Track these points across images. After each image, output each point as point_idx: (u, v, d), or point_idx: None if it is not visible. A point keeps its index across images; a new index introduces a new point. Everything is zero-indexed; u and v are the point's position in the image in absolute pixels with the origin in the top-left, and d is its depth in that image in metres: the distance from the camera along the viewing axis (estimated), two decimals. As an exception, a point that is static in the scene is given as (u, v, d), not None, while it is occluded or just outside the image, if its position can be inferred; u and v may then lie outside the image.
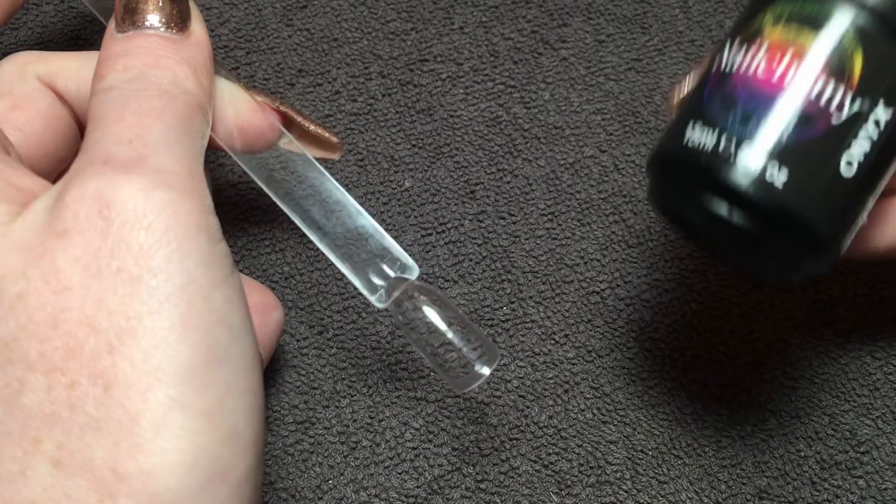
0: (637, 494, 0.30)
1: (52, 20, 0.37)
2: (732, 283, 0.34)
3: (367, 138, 0.35)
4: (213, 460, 0.19)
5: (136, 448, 0.18)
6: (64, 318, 0.18)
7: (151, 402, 0.18)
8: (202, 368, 0.19)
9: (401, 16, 0.38)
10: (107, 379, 0.18)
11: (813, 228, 0.21)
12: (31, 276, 0.19)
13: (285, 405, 0.31)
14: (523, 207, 0.34)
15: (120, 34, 0.22)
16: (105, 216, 0.19)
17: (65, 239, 0.19)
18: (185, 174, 0.20)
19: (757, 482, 0.30)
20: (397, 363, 0.31)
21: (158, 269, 0.19)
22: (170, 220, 0.19)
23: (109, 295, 0.18)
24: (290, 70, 0.37)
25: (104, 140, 0.20)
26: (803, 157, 0.20)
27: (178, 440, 0.18)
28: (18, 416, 0.18)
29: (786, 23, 0.21)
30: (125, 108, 0.21)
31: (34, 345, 0.18)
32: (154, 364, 0.18)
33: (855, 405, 0.32)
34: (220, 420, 0.19)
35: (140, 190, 0.19)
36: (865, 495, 0.30)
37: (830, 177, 0.21)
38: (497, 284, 0.33)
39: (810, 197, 0.21)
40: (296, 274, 0.33)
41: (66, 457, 0.18)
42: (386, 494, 0.30)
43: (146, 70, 0.22)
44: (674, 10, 0.39)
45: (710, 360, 0.32)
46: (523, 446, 0.31)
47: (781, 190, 0.20)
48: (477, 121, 0.36)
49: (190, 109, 0.22)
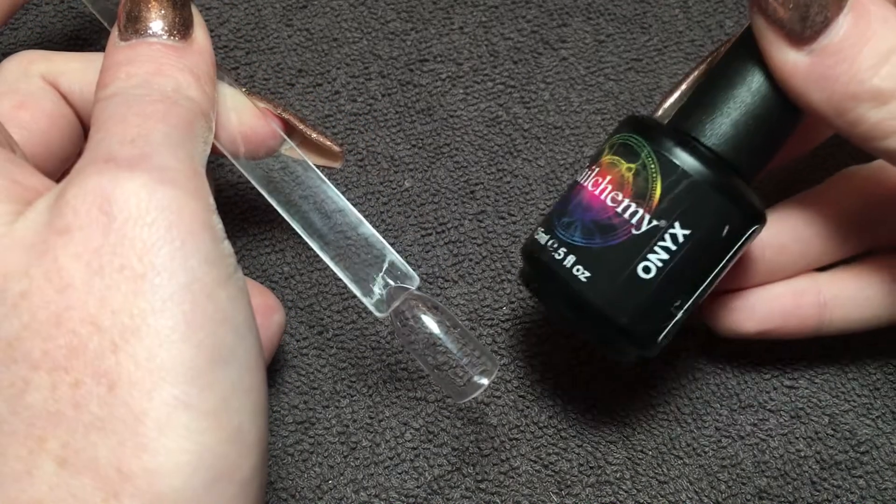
0: (637, 494, 0.30)
1: (52, 20, 0.37)
2: (732, 283, 0.34)
3: (367, 138, 0.35)
4: (218, 460, 0.18)
5: (140, 448, 0.18)
6: (67, 317, 0.18)
7: (156, 401, 0.18)
8: (206, 368, 0.19)
9: (401, 16, 0.38)
10: (111, 378, 0.18)
11: (612, 319, 0.25)
12: (33, 275, 0.18)
13: (285, 405, 0.31)
14: (523, 207, 0.34)
15: (123, 42, 0.22)
16: (107, 212, 0.19)
17: (66, 236, 0.19)
18: (188, 173, 0.20)
19: (757, 482, 0.30)
20: (397, 363, 0.31)
21: (162, 267, 0.19)
22: (173, 216, 0.19)
23: (112, 293, 0.18)
24: (289, 70, 0.37)
25: (107, 140, 0.20)
26: (606, 259, 0.25)
27: (183, 440, 0.18)
28: (23, 415, 0.18)
29: (613, 153, 0.26)
30: (128, 111, 0.21)
31: (38, 343, 0.18)
32: (158, 363, 0.18)
33: (855, 405, 0.32)
34: (225, 420, 0.19)
35: (143, 186, 0.19)
36: (865, 495, 0.30)
37: (628, 278, 0.25)
38: (497, 284, 0.33)
39: (608, 293, 0.25)
40: (296, 274, 0.33)
41: (71, 456, 0.18)
42: (386, 494, 0.30)
43: (149, 78, 0.21)
44: (674, 10, 0.39)
45: (710, 360, 0.32)
46: (523, 446, 0.31)
47: (585, 283, 0.25)
48: (477, 121, 0.36)
49: (193, 115, 0.21)
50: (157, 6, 0.22)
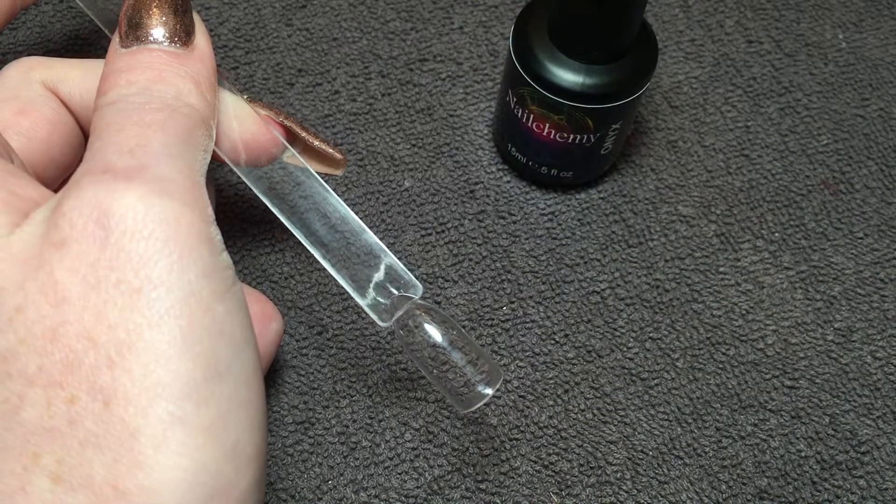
0: (637, 494, 0.30)
1: (52, 20, 0.37)
2: (732, 283, 0.34)
3: (367, 138, 0.35)
4: (214, 477, 0.18)
5: (136, 464, 0.17)
6: (63, 332, 0.18)
7: (151, 417, 0.18)
8: (203, 383, 0.18)
9: (400, 15, 0.38)
10: (106, 394, 0.18)
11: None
12: (29, 289, 0.18)
13: (285, 405, 0.31)
14: (523, 207, 0.34)
15: (124, 49, 0.22)
16: (103, 225, 0.18)
17: (62, 250, 0.18)
18: (186, 184, 0.20)
19: (757, 482, 0.30)
20: (397, 363, 0.31)
21: (159, 281, 0.18)
22: (170, 230, 0.19)
23: (109, 307, 0.18)
24: (289, 70, 0.37)
25: (104, 150, 0.20)
26: None
27: (179, 456, 0.18)
28: (18, 431, 0.18)
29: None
30: (127, 120, 0.20)
31: (33, 359, 0.18)
32: (154, 379, 0.18)
33: (855, 405, 0.32)
34: (222, 435, 0.18)
35: (140, 199, 0.19)
36: (866, 495, 0.30)
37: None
38: (497, 284, 0.33)
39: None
40: (295, 274, 0.33)
41: (65, 472, 0.17)
42: (386, 495, 0.30)
43: (149, 85, 0.21)
44: (674, 10, 0.39)
45: (710, 360, 0.32)
46: (523, 446, 0.30)
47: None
48: (477, 121, 0.36)
49: (193, 123, 0.21)
50: (159, 13, 0.22)
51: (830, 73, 0.39)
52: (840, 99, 0.38)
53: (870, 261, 0.34)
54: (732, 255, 0.34)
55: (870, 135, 0.37)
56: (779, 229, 0.35)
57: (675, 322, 0.33)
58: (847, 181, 0.36)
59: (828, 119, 0.37)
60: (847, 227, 0.35)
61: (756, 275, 0.34)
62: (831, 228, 0.35)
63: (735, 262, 0.34)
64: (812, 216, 0.35)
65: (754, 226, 0.35)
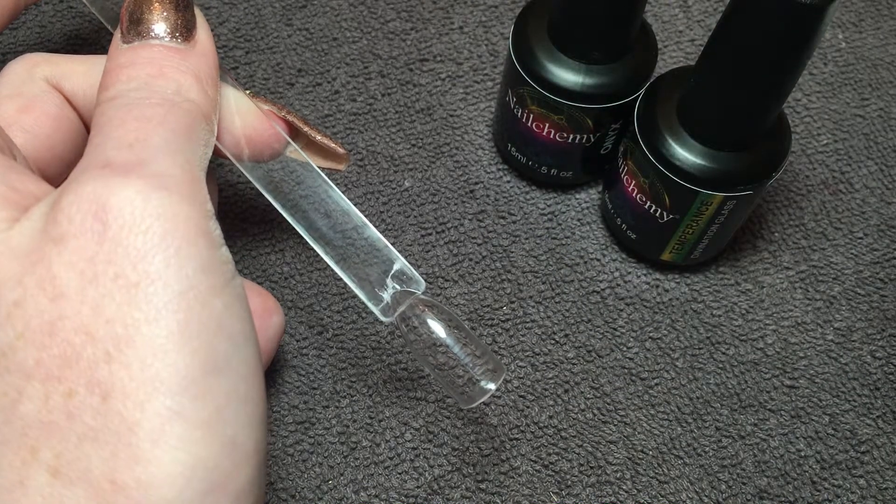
0: (637, 494, 0.30)
1: (52, 20, 0.37)
2: (732, 283, 0.34)
3: (367, 138, 0.35)
4: (211, 471, 0.18)
5: (133, 459, 0.17)
6: (61, 326, 0.18)
7: (149, 412, 0.18)
8: (201, 378, 0.18)
9: (400, 15, 0.38)
10: (104, 388, 0.18)
11: None
12: (27, 284, 0.18)
13: (285, 405, 0.31)
14: (523, 207, 0.34)
15: (125, 45, 0.22)
16: (101, 219, 0.18)
17: (60, 244, 0.18)
18: (185, 179, 0.20)
19: (757, 482, 0.30)
20: (397, 363, 0.31)
21: (156, 275, 0.18)
22: (168, 224, 0.19)
23: (107, 302, 0.18)
24: (289, 70, 0.37)
25: (104, 145, 0.20)
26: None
27: (176, 451, 0.18)
28: (16, 425, 0.18)
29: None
30: (127, 115, 0.20)
31: (32, 353, 0.18)
32: (152, 373, 0.18)
33: (855, 405, 0.32)
34: (219, 430, 0.18)
35: (138, 193, 0.19)
36: (866, 495, 0.30)
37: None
38: (497, 284, 0.33)
39: None
40: (295, 274, 0.33)
41: (64, 466, 0.18)
42: (386, 494, 0.30)
43: (150, 80, 0.21)
44: (674, 10, 0.39)
45: (710, 360, 0.32)
46: (523, 446, 0.30)
47: None
48: (477, 120, 0.36)
49: (193, 118, 0.21)
50: (160, 8, 0.22)
51: (830, 73, 0.39)
52: (840, 99, 0.38)
53: (869, 260, 0.34)
54: (732, 255, 0.34)
55: (869, 135, 0.37)
56: (778, 229, 0.35)
57: (675, 322, 0.33)
58: (847, 181, 0.36)
59: (827, 119, 0.37)
60: (847, 226, 0.35)
61: (756, 274, 0.34)
62: (831, 228, 0.35)
63: (735, 262, 0.34)
64: (812, 216, 0.35)
65: (754, 225, 0.35)
